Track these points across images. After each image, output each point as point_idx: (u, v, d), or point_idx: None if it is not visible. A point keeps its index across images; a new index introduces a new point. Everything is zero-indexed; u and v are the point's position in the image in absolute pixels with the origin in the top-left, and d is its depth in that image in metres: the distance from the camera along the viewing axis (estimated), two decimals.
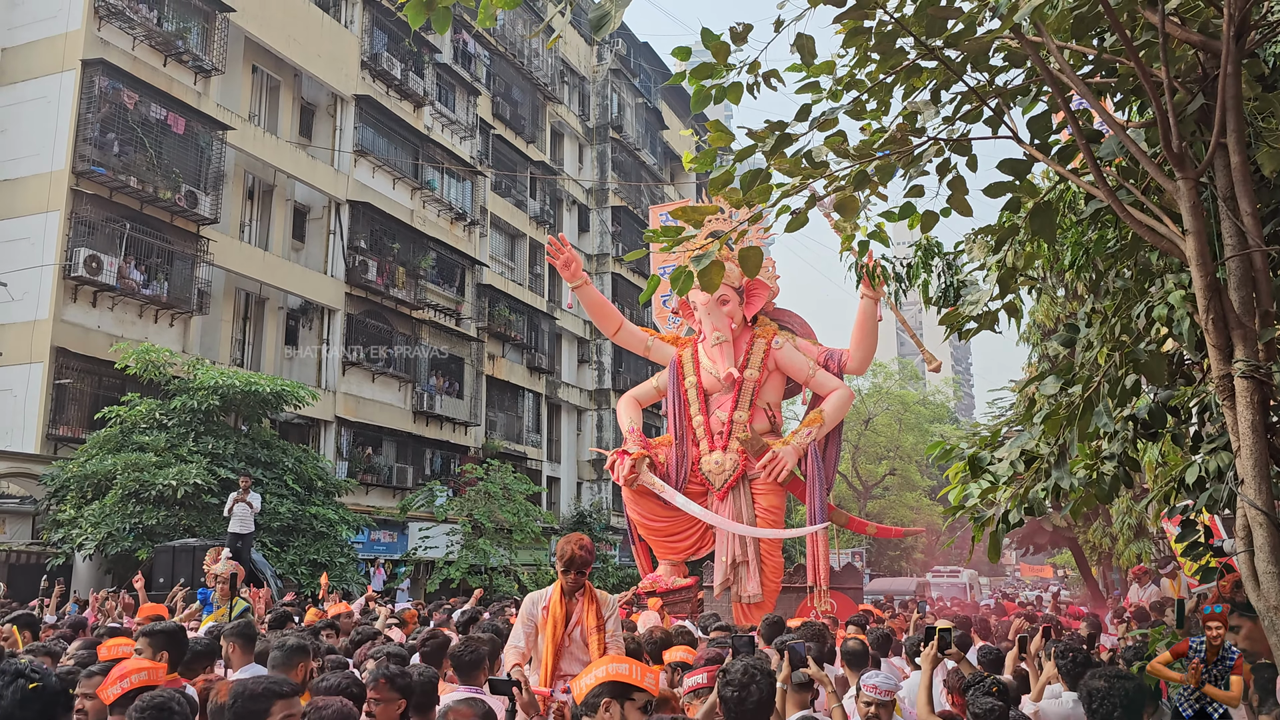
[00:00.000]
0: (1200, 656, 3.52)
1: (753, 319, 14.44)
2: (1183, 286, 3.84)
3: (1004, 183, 4.51)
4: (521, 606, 5.90)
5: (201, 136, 22.33)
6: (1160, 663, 3.83)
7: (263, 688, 3.21)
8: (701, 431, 14.14)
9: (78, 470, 17.27)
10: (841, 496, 45.88)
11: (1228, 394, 3.22)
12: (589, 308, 14.50)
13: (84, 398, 20.18)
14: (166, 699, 3.42)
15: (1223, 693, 3.47)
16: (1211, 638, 3.44)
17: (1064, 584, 45.95)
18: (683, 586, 13.94)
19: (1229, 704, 3.48)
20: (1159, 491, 5.32)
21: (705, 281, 4.33)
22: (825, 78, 4.58)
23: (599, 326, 15.12)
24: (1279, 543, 3.02)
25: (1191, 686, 3.57)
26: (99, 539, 16.40)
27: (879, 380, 50.52)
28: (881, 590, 29.41)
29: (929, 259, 6.28)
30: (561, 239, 13.80)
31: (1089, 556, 26.34)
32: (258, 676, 3.49)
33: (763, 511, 13.74)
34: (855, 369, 14.30)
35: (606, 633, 5.65)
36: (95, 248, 19.88)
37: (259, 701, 3.15)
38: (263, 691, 3.18)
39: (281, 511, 18.69)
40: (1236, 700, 3.45)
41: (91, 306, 20.13)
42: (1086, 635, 9.30)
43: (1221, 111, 3.23)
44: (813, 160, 4.36)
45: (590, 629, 5.64)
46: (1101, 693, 3.39)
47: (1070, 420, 4.73)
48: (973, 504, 5.62)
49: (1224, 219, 3.31)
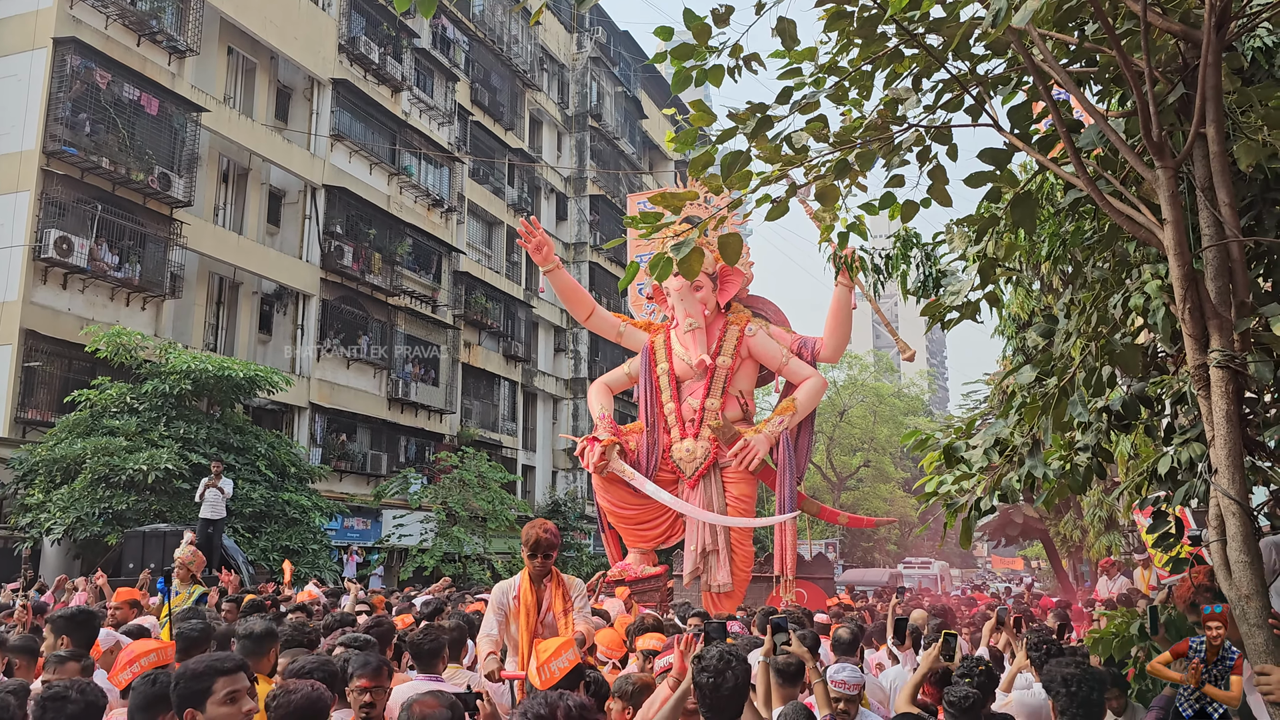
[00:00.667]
0: (1200, 656, 3.53)
1: (726, 305, 14.34)
2: (1159, 277, 3.85)
3: (984, 172, 4.51)
4: (491, 596, 5.86)
5: (175, 118, 22.05)
6: (1160, 663, 3.84)
7: (204, 666, 3.16)
8: (673, 419, 14.03)
9: (46, 454, 17.06)
10: (816, 488, 46.11)
11: (1203, 384, 3.23)
12: (560, 292, 14.31)
13: (53, 381, 19.93)
14: (64, 690, 3.38)
15: (1223, 693, 3.49)
16: (1211, 638, 3.45)
17: (1035, 575, 46.40)
18: (652, 575, 13.84)
19: (1229, 704, 3.50)
20: (1131, 483, 5.36)
21: (685, 268, 4.31)
22: (807, 64, 4.57)
23: (570, 311, 14.97)
24: (1251, 532, 3.04)
25: (1191, 686, 3.59)
26: (68, 523, 16.21)
27: (854, 373, 50.77)
28: (854, 581, 29.62)
29: (908, 250, 6.30)
30: (533, 221, 13.59)
31: (1060, 548, 26.59)
32: (199, 655, 3.45)
33: (734, 500, 13.66)
34: (829, 357, 14.19)
35: (575, 611, 5.68)
36: (66, 229, 19.60)
37: (201, 680, 3.11)
38: (204, 670, 3.14)
39: (254, 498, 18.55)
40: (1237, 700, 3.47)
41: (62, 289, 19.87)
42: (1057, 626, 9.38)
43: (1201, 101, 3.23)
44: (793, 145, 4.34)
45: (559, 613, 5.63)
46: (1067, 679, 3.42)
47: (1045, 410, 4.74)
48: (946, 490, 5.64)
49: (1202, 209, 3.32)
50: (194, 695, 3.10)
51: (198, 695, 3.10)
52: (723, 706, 3.40)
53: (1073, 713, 3.36)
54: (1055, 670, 3.43)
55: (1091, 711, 3.37)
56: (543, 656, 3.98)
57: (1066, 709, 3.38)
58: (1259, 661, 2.95)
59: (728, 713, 3.43)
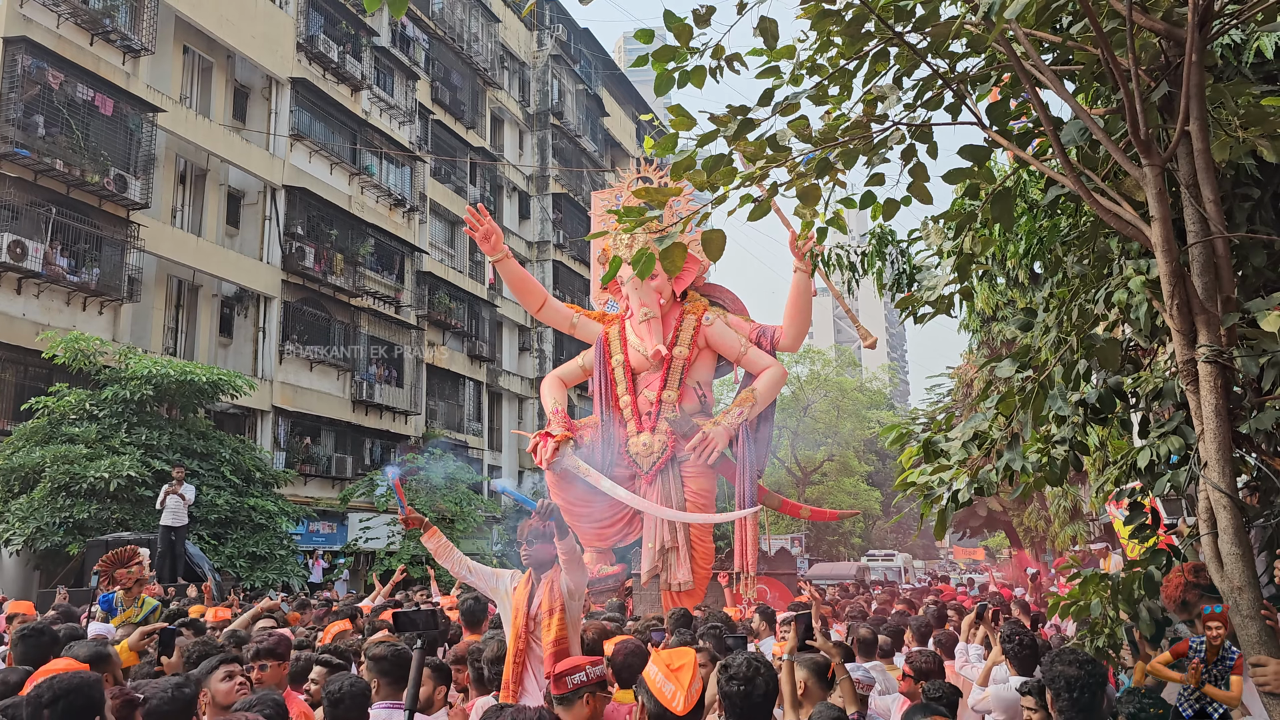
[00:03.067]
0: (1200, 656, 3.56)
1: (682, 295, 13.95)
2: (1142, 273, 3.90)
3: (963, 169, 4.54)
4: (502, 568, 5.93)
5: (131, 118, 21.67)
6: (1160, 663, 3.87)
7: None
8: (629, 412, 13.62)
9: (3, 463, 16.72)
10: (781, 483, 46.28)
11: (1191, 379, 3.27)
12: (510, 283, 13.84)
13: (8, 388, 19.52)
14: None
15: (1223, 693, 3.52)
16: (1211, 638, 3.48)
17: (997, 565, 46.96)
18: (610, 574, 13.45)
19: (1229, 704, 3.53)
20: (1110, 475, 5.42)
21: (668, 263, 4.30)
22: (785, 62, 4.57)
23: (521, 303, 14.50)
24: (1242, 524, 3.07)
25: (1191, 686, 3.61)
26: (27, 534, 15.90)
27: (817, 368, 51.03)
28: (822, 575, 29.79)
29: (883, 246, 6.32)
30: (480, 208, 12.88)
31: (1023, 539, 26.95)
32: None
33: (693, 495, 13.25)
34: (788, 345, 13.76)
35: (567, 615, 5.55)
36: (20, 233, 19.20)
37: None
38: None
39: (219, 504, 18.30)
40: (1237, 700, 3.50)
41: (16, 294, 19.46)
42: (1031, 620, 9.48)
43: (1185, 99, 3.27)
44: (776, 145, 4.34)
45: (546, 612, 5.54)
46: (1070, 682, 3.42)
47: (1025, 404, 4.79)
48: (925, 481, 5.67)
49: (1187, 206, 3.35)
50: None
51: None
52: (753, 714, 3.29)
53: (1071, 715, 3.36)
54: (1058, 670, 3.42)
55: (1092, 714, 3.37)
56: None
57: (1065, 710, 3.38)
58: (1252, 653, 2.99)
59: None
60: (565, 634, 5.47)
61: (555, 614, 5.48)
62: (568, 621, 5.51)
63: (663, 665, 3.05)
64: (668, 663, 3.06)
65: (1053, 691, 3.41)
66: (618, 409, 13.76)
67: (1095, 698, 3.35)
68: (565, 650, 5.36)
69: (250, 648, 4.98)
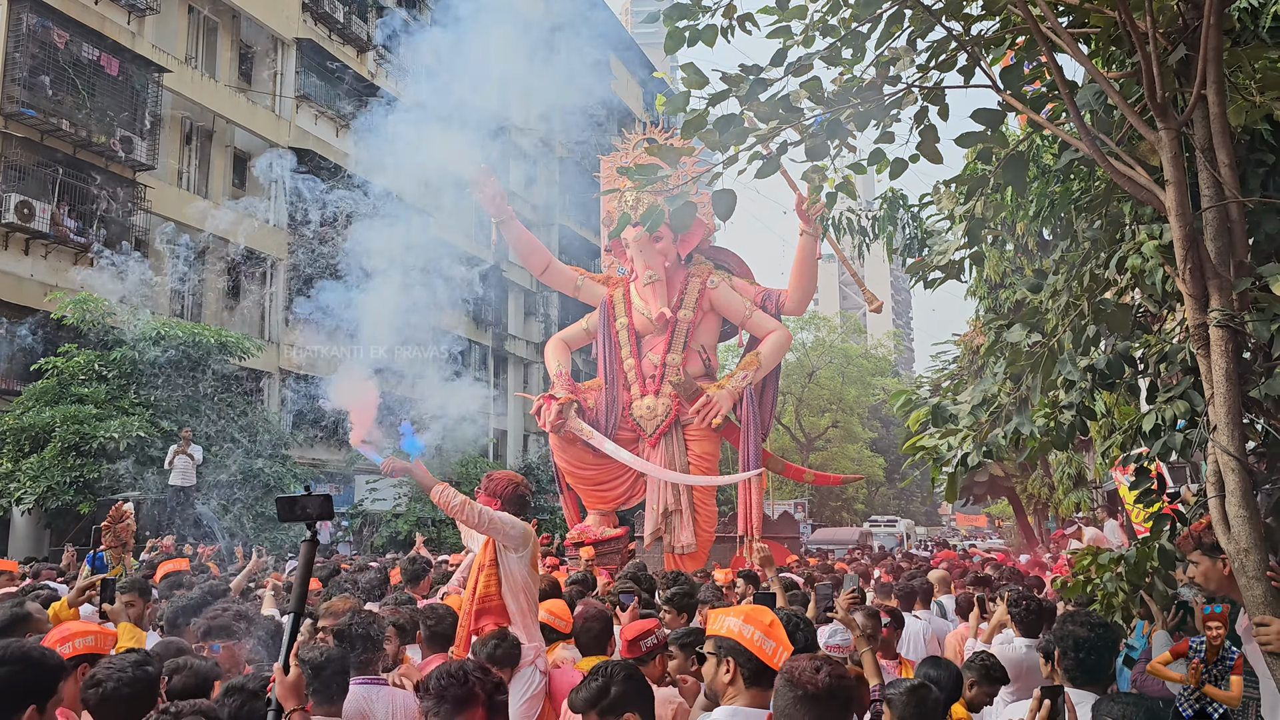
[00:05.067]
0: (1200, 656, 3.59)
1: (687, 258, 13.94)
2: (1154, 237, 3.90)
3: (976, 133, 4.53)
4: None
5: (136, 79, 21.57)
6: (1160, 663, 3.90)
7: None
8: (633, 375, 13.64)
9: (14, 422, 16.80)
10: (785, 448, 46.38)
11: (1203, 343, 3.29)
12: (514, 245, 13.75)
13: (17, 349, 19.58)
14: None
15: (1223, 693, 3.55)
16: (1211, 638, 3.51)
17: (999, 534, 47.17)
18: (612, 537, 13.51)
19: (1229, 704, 3.57)
20: (1116, 440, 5.45)
21: (677, 221, 4.30)
22: (797, 22, 4.55)
23: (525, 265, 14.49)
24: (1250, 487, 3.10)
25: (1191, 686, 3.65)
26: (38, 493, 16.01)
27: (822, 334, 50.97)
28: (825, 540, 29.93)
29: (894, 211, 6.32)
30: (485, 169, 12.95)
31: (1026, 506, 27.01)
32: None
33: (696, 458, 13.35)
34: (793, 309, 13.82)
35: (500, 570, 5.07)
36: (27, 193, 19.19)
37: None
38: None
39: (228, 465, 18.40)
40: (1237, 700, 3.54)
41: (24, 254, 19.48)
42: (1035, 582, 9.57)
43: (1203, 63, 3.26)
44: (789, 105, 4.33)
45: (478, 565, 5.21)
46: (1079, 643, 3.45)
47: (1034, 368, 4.80)
48: (933, 445, 5.70)
49: (1202, 170, 3.35)
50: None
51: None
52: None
53: (1075, 675, 3.41)
54: (1069, 629, 3.46)
55: (1097, 676, 3.42)
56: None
57: (1070, 669, 3.43)
58: (1258, 613, 3.03)
59: None
60: (494, 590, 5.04)
61: (485, 569, 5.11)
62: (501, 577, 5.05)
63: (756, 623, 2.95)
64: (759, 620, 2.97)
65: (1060, 650, 3.45)
66: (621, 372, 13.78)
67: (1102, 660, 3.40)
68: (491, 607, 5.03)
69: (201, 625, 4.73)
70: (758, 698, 2.88)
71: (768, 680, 2.85)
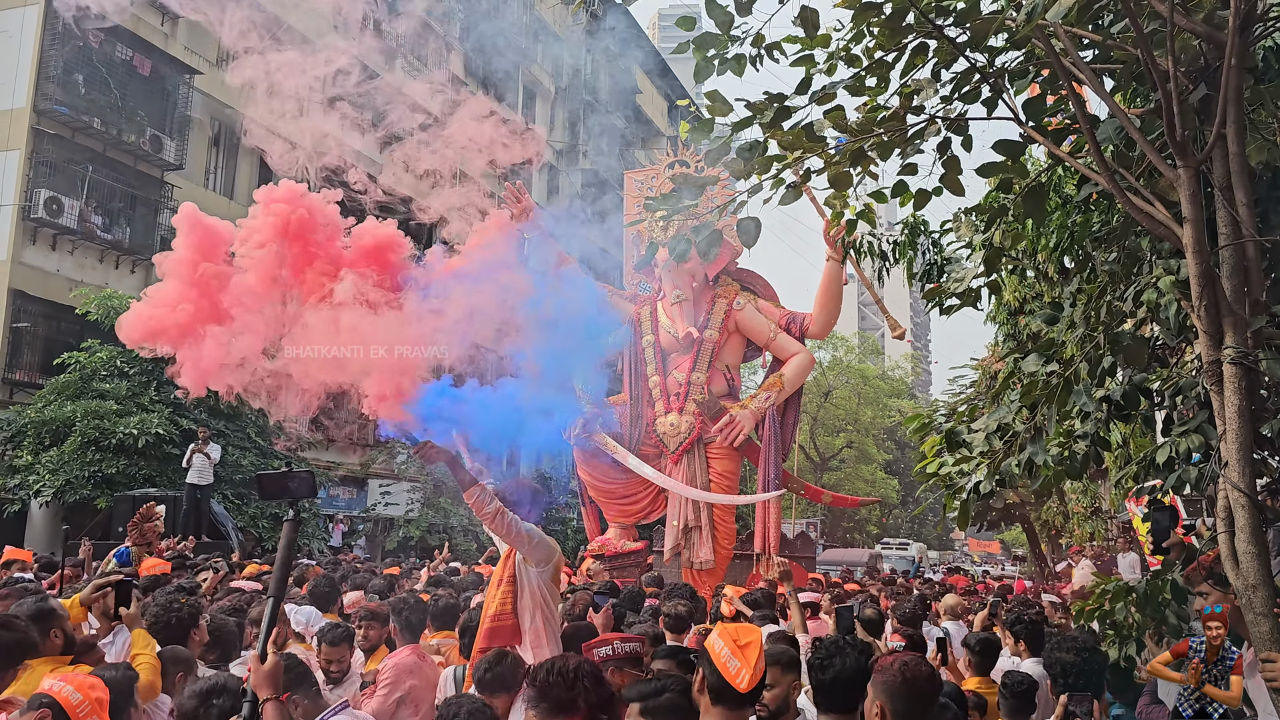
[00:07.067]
0: (1200, 656, 3.62)
1: (714, 278, 14.07)
2: (1172, 273, 3.93)
3: (997, 163, 4.58)
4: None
5: (168, 79, 21.86)
6: (1160, 663, 3.93)
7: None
8: (658, 392, 13.76)
9: (35, 416, 16.99)
10: (799, 468, 46.19)
11: (1216, 379, 3.31)
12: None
13: (41, 342, 19.82)
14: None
15: (1223, 693, 3.58)
16: (1211, 638, 3.53)
17: (1012, 561, 46.83)
18: (632, 550, 13.62)
19: (1229, 704, 3.59)
20: (1130, 471, 5.47)
21: (703, 250, 4.37)
22: (820, 50, 4.61)
23: None
24: (1260, 524, 3.13)
25: (1191, 686, 3.67)
26: (57, 486, 16.18)
27: (839, 354, 50.84)
28: (836, 561, 29.86)
29: (915, 237, 6.36)
30: (519, 186, 13.27)
31: (1040, 534, 26.86)
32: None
33: (717, 476, 13.41)
34: (817, 333, 13.89)
35: (518, 587, 4.97)
36: (56, 189, 19.44)
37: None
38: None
39: (244, 464, 18.53)
40: (1237, 700, 3.56)
41: (51, 249, 19.73)
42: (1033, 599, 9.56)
43: (1223, 102, 3.29)
44: (812, 134, 4.38)
45: (497, 579, 5.06)
46: (1066, 669, 3.51)
47: (1050, 398, 4.83)
48: (947, 471, 5.73)
49: (1220, 208, 3.39)
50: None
51: None
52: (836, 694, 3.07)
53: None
54: (1056, 657, 3.52)
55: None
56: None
57: (1061, 693, 3.48)
58: (1264, 650, 3.05)
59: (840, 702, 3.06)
60: (509, 609, 4.91)
61: (503, 585, 4.96)
62: (517, 593, 4.92)
63: (729, 640, 2.95)
64: (735, 638, 2.96)
65: (1051, 677, 3.50)
66: (646, 389, 13.96)
67: (1090, 683, 3.44)
68: (506, 627, 4.87)
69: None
70: (726, 717, 2.84)
71: (731, 699, 2.82)
